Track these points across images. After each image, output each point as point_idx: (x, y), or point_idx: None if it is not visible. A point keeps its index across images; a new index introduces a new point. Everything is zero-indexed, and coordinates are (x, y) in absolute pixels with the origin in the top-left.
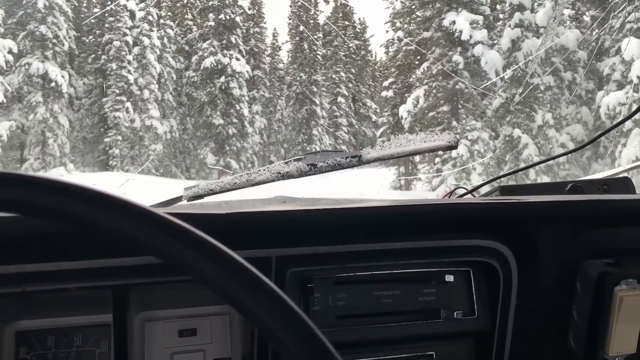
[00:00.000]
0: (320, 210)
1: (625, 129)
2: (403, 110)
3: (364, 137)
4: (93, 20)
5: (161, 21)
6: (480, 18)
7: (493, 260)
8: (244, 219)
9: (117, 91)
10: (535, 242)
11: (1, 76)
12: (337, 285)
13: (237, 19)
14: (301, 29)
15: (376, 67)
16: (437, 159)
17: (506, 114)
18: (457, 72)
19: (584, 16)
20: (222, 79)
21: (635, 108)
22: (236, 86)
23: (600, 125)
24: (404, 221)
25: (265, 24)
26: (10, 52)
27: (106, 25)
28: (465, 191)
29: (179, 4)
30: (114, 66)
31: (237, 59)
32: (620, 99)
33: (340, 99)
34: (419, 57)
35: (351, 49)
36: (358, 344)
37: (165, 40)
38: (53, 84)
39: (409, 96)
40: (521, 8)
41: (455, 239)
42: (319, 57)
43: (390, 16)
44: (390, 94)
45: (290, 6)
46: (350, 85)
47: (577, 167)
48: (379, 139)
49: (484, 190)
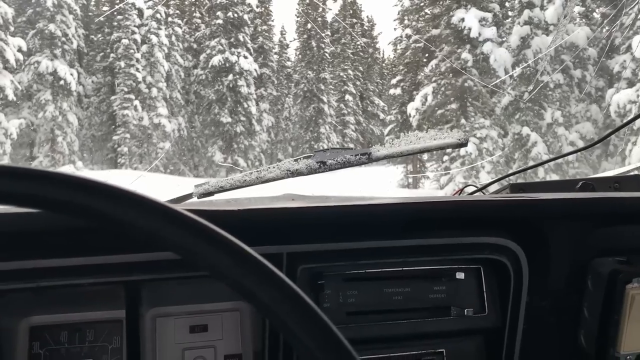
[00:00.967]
0: (330, 207)
1: (635, 127)
2: (411, 108)
3: (372, 135)
4: (102, 18)
5: (169, 19)
6: (490, 15)
7: (504, 257)
8: (255, 215)
9: (126, 89)
10: (546, 240)
11: (11, 74)
12: (348, 282)
13: (245, 16)
14: (309, 26)
15: (384, 65)
16: (445, 157)
17: (515, 111)
18: (466, 69)
19: (594, 13)
20: (230, 77)
21: None
22: (244, 84)
23: (610, 123)
24: (414, 218)
25: (273, 21)
26: (19, 50)
27: (114, 24)
28: (475, 189)
29: (187, 2)
30: (122, 64)
31: (245, 57)
32: (630, 97)
33: (348, 96)
34: (427, 55)
35: (359, 47)
36: (368, 340)
37: (174, 38)
38: (62, 82)
39: (417, 94)
40: (530, 5)
41: (466, 236)
42: (326, 54)
43: (399, 13)
44: (398, 91)
45: (298, 4)
46: (358, 83)
47: (586, 165)
48: (386, 137)
49: (492, 188)
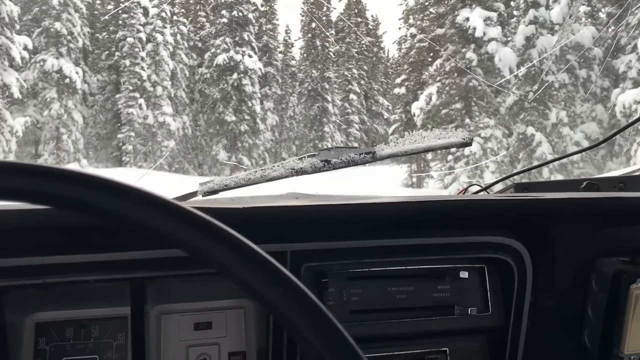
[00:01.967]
0: (335, 205)
1: None
2: (415, 108)
3: (376, 134)
4: (108, 16)
5: (174, 18)
6: (495, 15)
7: (508, 257)
8: (260, 213)
9: (131, 87)
10: (550, 239)
11: (17, 72)
12: (351, 281)
13: (250, 15)
14: (314, 25)
15: (388, 64)
16: (450, 156)
17: (520, 111)
18: (471, 69)
19: (600, 13)
20: (235, 75)
21: None
22: (248, 83)
23: (615, 123)
24: (418, 217)
25: (277, 20)
26: (25, 48)
27: (120, 22)
28: (479, 188)
29: (192, 1)
30: (127, 63)
31: (250, 56)
32: (636, 97)
33: (352, 96)
34: (431, 54)
35: (364, 46)
36: (372, 339)
37: (179, 37)
38: (67, 80)
39: (421, 93)
40: (536, 5)
41: (470, 235)
42: (331, 53)
43: (404, 13)
44: (402, 91)
45: (303, 3)
46: (363, 82)
47: (591, 165)
48: (390, 136)
49: (497, 188)
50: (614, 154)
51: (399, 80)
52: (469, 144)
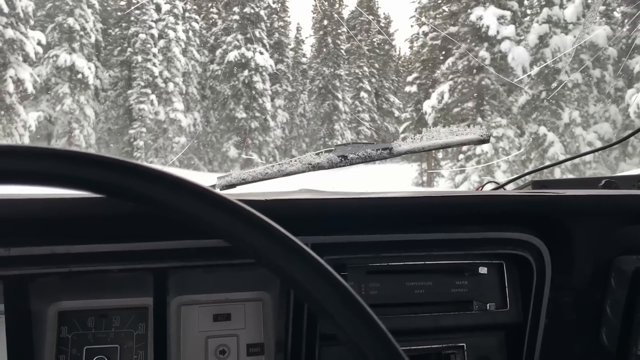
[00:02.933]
0: (355, 198)
1: None
2: (427, 106)
3: (386, 132)
4: (120, 13)
5: (186, 14)
6: (508, 13)
7: (526, 253)
8: (282, 205)
9: (142, 84)
10: (569, 236)
11: (30, 67)
12: (370, 275)
13: (262, 12)
14: (325, 22)
15: (400, 62)
16: (461, 155)
17: (532, 111)
18: (484, 68)
19: (615, 12)
20: (246, 72)
21: None
22: (259, 80)
23: (629, 124)
24: (438, 212)
25: (289, 17)
26: (39, 43)
27: (132, 18)
28: (496, 185)
29: None
30: (139, 59)
31: (261, 53)
32: None
33: (363, 93)
34: (444, 52)
35: (375, 44)
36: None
37: (190, 33)
38: (80, 75)
39: (433, 92)
40: (550, 4)
41: (489, 231)
42: (342, 51)
43: (416, 10)
44: (414, 89)
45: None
46: (374, 80)
47: (604, 166)
48: (401, 135)
49: (510, 187)
50: (627, 154)
51: (410, 79)
52: (486, 140)
